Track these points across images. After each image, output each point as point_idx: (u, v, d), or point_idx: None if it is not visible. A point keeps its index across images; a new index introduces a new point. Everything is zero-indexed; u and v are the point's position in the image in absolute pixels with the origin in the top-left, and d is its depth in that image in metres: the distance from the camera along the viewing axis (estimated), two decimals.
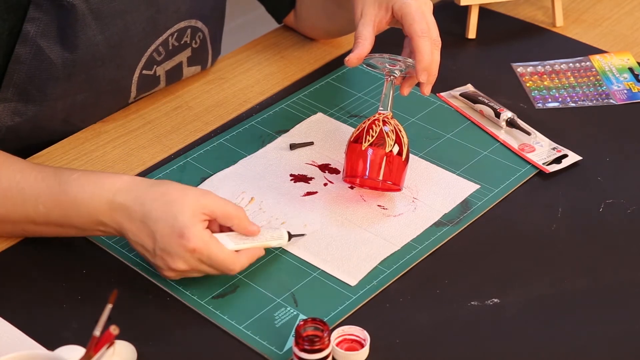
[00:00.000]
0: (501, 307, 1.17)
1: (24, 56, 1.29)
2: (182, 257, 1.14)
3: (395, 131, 1.27)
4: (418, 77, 1.27)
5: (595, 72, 1.56)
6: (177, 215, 1.13)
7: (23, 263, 1.23)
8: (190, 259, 1.14)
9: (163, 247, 1.14)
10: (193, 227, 1.13)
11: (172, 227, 1.13)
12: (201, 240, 1.13)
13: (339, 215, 1.28)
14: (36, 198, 1.18)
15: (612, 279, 1.22)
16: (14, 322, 1.14)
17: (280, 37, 1.63)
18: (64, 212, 1.18)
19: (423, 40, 1.26)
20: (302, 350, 1.08)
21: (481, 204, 1.31)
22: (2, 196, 1.19)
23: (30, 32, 1.28)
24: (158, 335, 1.14)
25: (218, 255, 1.14)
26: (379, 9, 1.30)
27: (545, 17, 1.70)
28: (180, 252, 1.13)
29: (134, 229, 1.15)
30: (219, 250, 1.15)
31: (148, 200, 1.15)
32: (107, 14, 1.31)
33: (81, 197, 1.17)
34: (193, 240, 1.13)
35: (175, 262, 1.14)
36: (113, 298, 0.99)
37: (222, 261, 1.15)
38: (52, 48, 1.29)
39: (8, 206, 1.19)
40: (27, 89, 1.31)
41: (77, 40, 1.30)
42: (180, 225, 1.13)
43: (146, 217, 1.14)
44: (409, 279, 1.21)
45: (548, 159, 1.38)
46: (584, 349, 1.13)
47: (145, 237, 1.15)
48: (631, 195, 1.33)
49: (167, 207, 1.14)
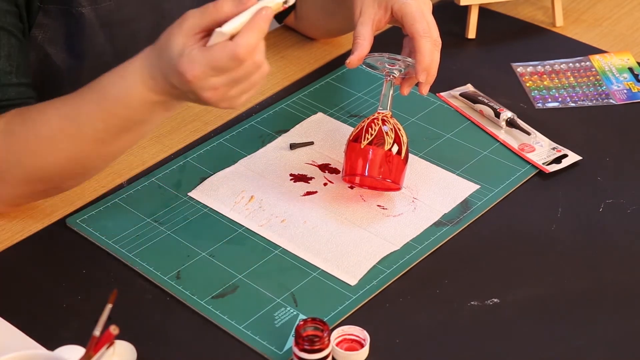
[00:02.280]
0: (501, 307, 1.17)
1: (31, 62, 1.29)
2: (198, 87, 1.09)
3: (394, 130, 1.27)
4: (417, 77, 1.27)
5: (595, 72, 1.56)
6: (170, 57, 1.09)
7: (23, 263, 1.23)
8: (203, 84, 1.09)
9: (185, 90, 1.11)
10: (181, 59, 1.08)
11: (174, 71, 1.09)
12: (192, 64, 1.07)
13: (339, 215, 1.28)
14: (88, 117, 1.16)
15: (612, 279, 1.22)
16: (14, 322, 1.14)
17: (280, 37, 1.63)
18: (118, 115, 1.15)
19: (424, 40, 1.26)
20: (302, 350, 1.08)
21: (481, 204, 1.31)
22: (60, 133, 1.17)
23: (37, 38, 1.28)
24: (158, 335, 1.14)
25: (215, 57, 1.07)
26: (378, 8, 1.30)
27: (545, 17, 1.70)
28: (191, 87, 1.09)
29: (170, 89, 1.12)
30: (213, 52, 1.07)
31: (156, 60, 1.12)
32: (115, 22, 1.31)
33: (120, 94, 1.14)
34: (187, 70, 1.08)
35: (201, 95, 1.10)
36: (113, 298, 0.99)
37: (225, 58, 1.07)
38: (59, 54, 1.30)
39: (71, 139, 1.18)
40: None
41: (84, 48, 1.30)
42: (174, 64, 1.09)
43: (165, 75, 1.11)
44: (409, 279, 1.21)
45: (548, 159, 1.38)
46: (584, 349, 1.13)
47: (177, 91, 1.12)
48: (631, 195, 1.33)
49: (165, 55, 1.10)
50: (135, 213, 1.29)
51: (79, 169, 1.22)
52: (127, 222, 1.27)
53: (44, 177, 1.22)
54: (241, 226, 1.27)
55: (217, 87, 1.09)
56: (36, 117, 1.19)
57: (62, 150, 1.19)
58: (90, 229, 1.26)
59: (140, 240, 1.25)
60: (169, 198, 1.31)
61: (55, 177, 1.22)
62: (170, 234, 1.26)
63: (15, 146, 1.19)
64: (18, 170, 1.21)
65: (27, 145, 1.19)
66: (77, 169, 1.22)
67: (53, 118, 1.18)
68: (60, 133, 1.18)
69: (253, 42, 1.06)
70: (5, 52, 1.22)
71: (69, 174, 1.22)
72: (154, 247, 1.24)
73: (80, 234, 1.26)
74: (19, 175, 1.21)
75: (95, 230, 1.26)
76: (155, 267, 1.21)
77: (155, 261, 1.22)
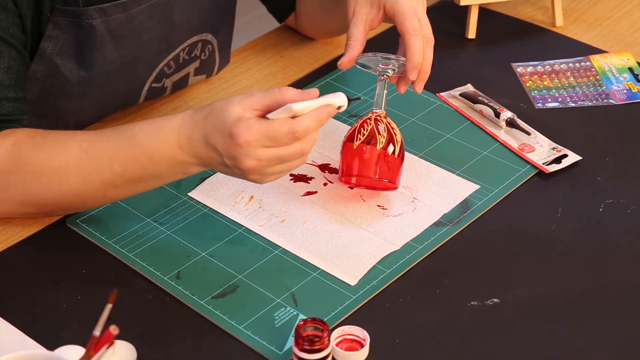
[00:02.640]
0: (501, 307, 1.17)
1: (39, 73, 1.29)
2: (244, 154, 1.12)
3: (387, 129, 1.27)
4: (409, 75, 1.27)
5: (595, 72, 1.56)
6: (224, 120, 1.12)
7: (23, 263, 1.23)
8: (250, 151, 1.12)
9: (227, 154, 1.13)
10: (238, 123, 1.11)
11: (222, 133, 1.12)
12: (249, 129, 1.11)
13: (339, 215, 1.28)
14: (109, 159, 1.18)
15: (612, 279, 1.22)
16: (14, 322, 1.14)
17: (280, 37, 1.63)
18: (139, 164, 1.17)
19: (414, 38, 1.26)
20: (302, 350, 1.08)
21: (481, 204, 1.31)
22: (75, 168, 1.18)
23: (47, 49, 1.28)
24: (158, 335, 1.14)
25: (274, 128, 1.11)
26: (370, 7, 1.30)
27: (545, 17, 1.70)
28: (238, 151, 1.12)
29: (204, 152, 1.15)
30: (273, 124, 1.11)
31: (202, 122, 1.14)
32: (124, 34, 1.31)
33: (152, 145, 1.16)
34: (241, 133, 1.11)
35: (243, 162, 1.12)
36: (113, 298, 0.99)
37: (283, 132, 1.11)
38: (68, 66, 1.29)
39: (84, 176, 1.18)
40: (41, 105, 1.31)
41: (94, 59, 1.30)
42: (228, 126, 1.12)
43: (205, 137, 1.14)
44: (409, 279, 1.21)
45: (548, 159, 1.38)
46: (584, 349, 1.13)
47: (214, 154, 1.14)
48: (631, 195, 1.33)
49: (216, 118, 1.13)
50: (135, 213, 1.29)
51: (78, 204, 1.23)
52: (127, 222, 1.27)
53: (42, 204, 1.22)
54: (241, 226, 1.27)
55: (261, 158, 1.12)
56: (53, 146, 1.19)
57: (70, 185, 1.19)
58: (90, 229, 1.26)
59: (140, 240, 1.25)
60: (169, 198, 1.31)
61: (53, 206, 1.23)
62: (170, 234, 1.26)
63: (23, 170, 1.19)
64: (18, 192, 1.21)
65: (36, 172, 1.19)
66: (77, 204, 1.23)
67: (71, 150, 1.19)
68: (75, 167, 1.18)
69: (312, 127, 1.12)
70: (5, 65, 1.22)
71: (67, 206, 1.23)
72: (154, 247, 1.24)
73: (80, 234, 1.26)
74: (18, 197, 1.21)
75: (95, 230, 1.26)
76: (155, 267, 1.21)
77: (155, 261, 1.22)
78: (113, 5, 1.28)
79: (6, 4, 1.21)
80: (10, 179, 1.20)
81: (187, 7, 1.38)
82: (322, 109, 1.13)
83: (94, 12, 1.27)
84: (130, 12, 1.30)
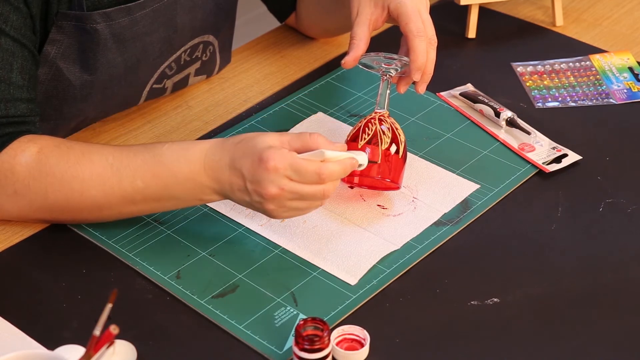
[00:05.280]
0: (501, 307, 1.17)
1: (43, 76, 1.29)
2: (269, 180, 1.13)
3: (391, 129, 1.27)
4: (412, 76, 1.27)
5: (595, 71, 1.56)
6: (255, 145, 1.14)
7: (23, 263, 1.23)
8: (276, 179, 1.13)
9: (251, 178, 1.14)
10: (270, 149, 1.13)
11: (251, 157, 1.14)
12: (280, 157, 1.13)
13: (339, 215, 1.28)
14: (133, 174, 1.18)
15: (612, 278, 1.22)
16: (14, 322, 1.14)
17: (280, 36, 1.63)
18: (162, 183, 1.18)
19: (418, 39, 1.26)
20: (302, 349, 1.08)
21: (481, 203, 1.31)
22: (98, 180, 1.19)
23: (50, 53, 1.27)
24: (158, 335, 1.14)
25: (303, 164, 1.14)
26: (374, 7, 1.30)
27: (545, 16, 1.70)
28: (265, 175, 1.13)
29: (226, 176, 1.16)
30: (303, 160, 1.14)
31: (231, 147, 1.16)
32: (128, 38, 1.31)
33: (177, 164, 1.17)
34: (272, 158, 1.13)
35: (266, 187, 1.14)
36: (113, 298, 0.99)
37: (311, 170, 1.14)
38: (71, 69, 1.30)
39: (106, 189, 1.19)
40: (44, 107, 1.31)
41: (97, 63, 1.30)
42: (258, 151, 1.14)
43: (232, 161, 1.15)
44: (409, 278, 1.21)
45: (548, 158, 1.38)
46: (584, 349, 1.13)
47: (236, 179, 1.15)
48: (631, 195, 1.33)
49: (247, 144, 1.15)
50: None
51: (93, 216, 1.24)
52: (127, 222, 1.27)
53: (59, 212, 1.22)
54: (241, 226, 1.27)
55: (284, 188, 1.14)
56: (80, 157, 1.20)
57: (91, 197, 1.20)
58: (90, 229, 1.26)
59: (140, 240, 1.25)
60: None
61: (69, 215, 1.23)
62: (170, 233, 1.26)
63: (46, 178, 1.20)
64: (37, 199, 1.21)
65: (60, 181, 1.19)
66: (92, 215, 1.23)
67: (97, 163, 1.19)
68: (99, 180, 1.19)
69: (336, 174, 1.16)
70: (19, 65, 1.22)
71: (82, 217, 1.24)
72: (154, 247, 1.24)
73: (80, 234, 1.26)
74: (36, 204, 1.22)
75: (95, 230, 1.26)
76: (155, 267, 1.21)
77: (155, 261, 1.22)
78: (117, 9, 1.28)
79: (18, 4, 1.21)
80: (32, 185, 1.20)
81: (190, 10, 1.38)
82: (348, 161, 1.17)
83: (98, 17, 1.27)
84: (134, 16, 1.30)
